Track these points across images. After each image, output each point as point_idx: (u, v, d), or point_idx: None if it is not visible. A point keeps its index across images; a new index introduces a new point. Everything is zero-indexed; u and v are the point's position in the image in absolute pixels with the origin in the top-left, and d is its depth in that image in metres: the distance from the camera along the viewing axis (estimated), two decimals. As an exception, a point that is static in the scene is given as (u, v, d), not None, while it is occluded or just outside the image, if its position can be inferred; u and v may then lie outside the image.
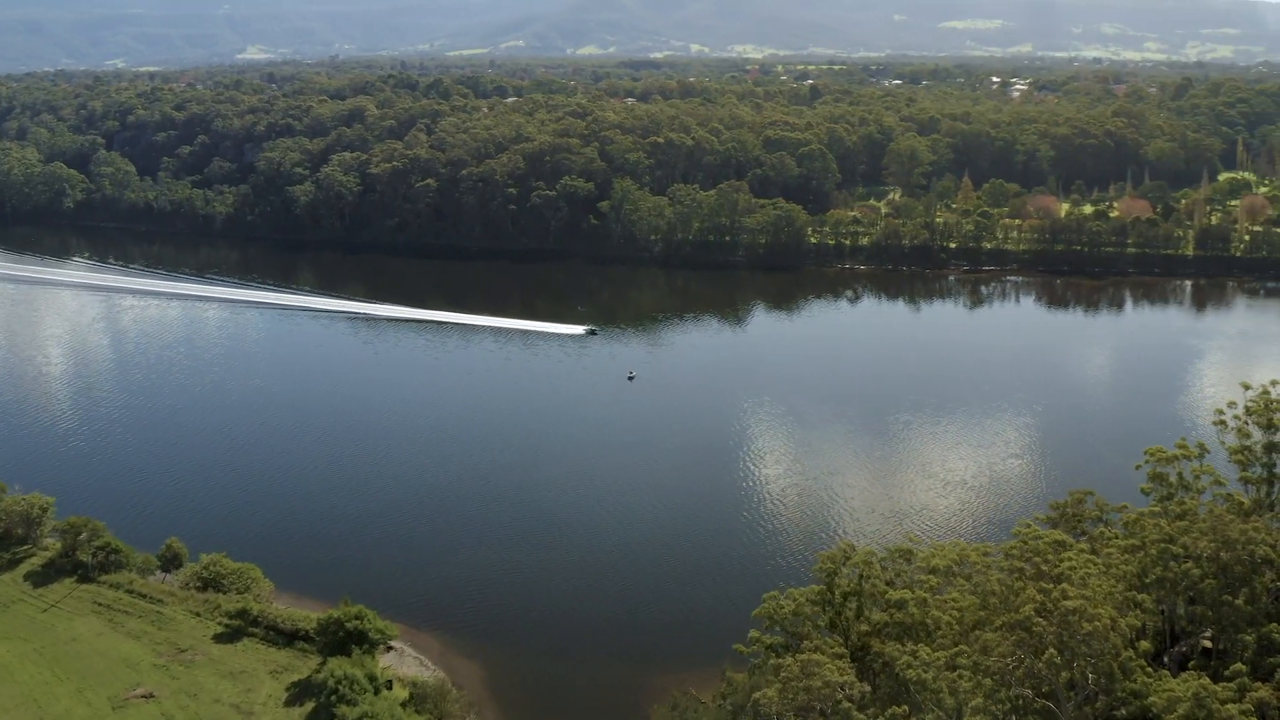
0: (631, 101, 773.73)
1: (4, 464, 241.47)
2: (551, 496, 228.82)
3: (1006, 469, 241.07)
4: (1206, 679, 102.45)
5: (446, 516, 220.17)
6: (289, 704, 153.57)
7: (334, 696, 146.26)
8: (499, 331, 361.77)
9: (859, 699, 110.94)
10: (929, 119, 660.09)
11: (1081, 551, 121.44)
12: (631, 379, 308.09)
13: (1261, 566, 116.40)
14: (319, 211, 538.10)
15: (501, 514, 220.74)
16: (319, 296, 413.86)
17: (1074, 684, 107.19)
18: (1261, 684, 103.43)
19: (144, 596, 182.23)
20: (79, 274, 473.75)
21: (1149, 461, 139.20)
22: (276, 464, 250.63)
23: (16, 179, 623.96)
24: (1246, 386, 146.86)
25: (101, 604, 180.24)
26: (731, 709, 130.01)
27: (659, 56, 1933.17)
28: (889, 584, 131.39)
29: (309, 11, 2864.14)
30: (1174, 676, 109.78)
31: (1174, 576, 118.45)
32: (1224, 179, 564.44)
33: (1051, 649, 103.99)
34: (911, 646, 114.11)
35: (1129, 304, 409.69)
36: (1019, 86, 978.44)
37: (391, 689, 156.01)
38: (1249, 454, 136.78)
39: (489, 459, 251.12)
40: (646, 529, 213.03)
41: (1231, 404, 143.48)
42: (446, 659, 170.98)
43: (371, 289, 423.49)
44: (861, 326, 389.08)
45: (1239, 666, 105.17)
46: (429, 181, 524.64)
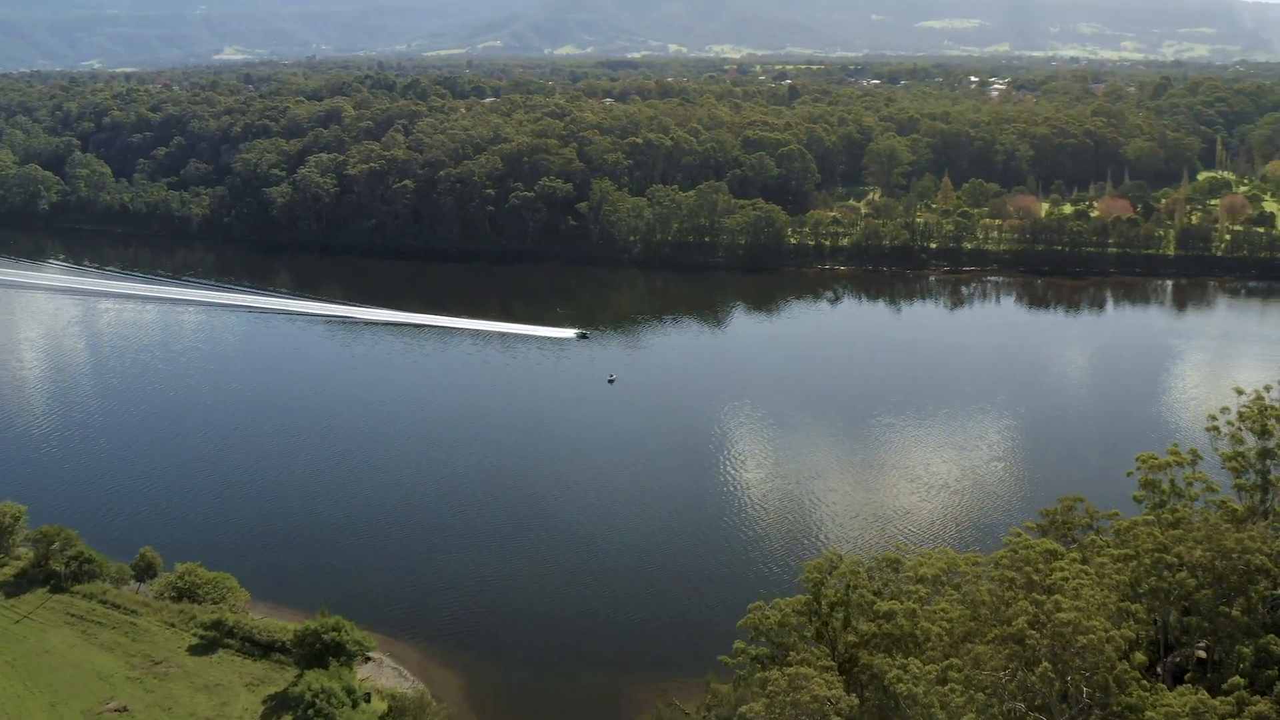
0: (610, 102, 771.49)
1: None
2: (532, 502, 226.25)
3: (990, 472, 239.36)
4: (1204, 693, 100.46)
5: (425, 523, 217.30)
6: (265, 718, 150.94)
7: (311, 710, 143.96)
8: (485, 335, 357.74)
9: (848, 713, 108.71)
10: (908, 119, 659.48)
11: (1073, 561, 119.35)
12: (612, 382, 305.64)
13: (1256, 575, 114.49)
14: (296, 213, 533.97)
15: (481, 520, 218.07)
16: (296, 299, 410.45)
17: (1068, 697, 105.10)
18: (1260, 697, 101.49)
19: (118, 607, 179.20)
20: (54, 277, 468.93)
21: (1141, 468, 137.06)
22: (252, 470, 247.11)
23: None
24: (1239, 391, 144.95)
25: (75, 615, 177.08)
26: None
27: (637, 56, 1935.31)
28: (876, 594, 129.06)
29: (286, 12, 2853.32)
30: (1169, 688, 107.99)
31: (1168, 586, 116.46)
32: (1203, 178, 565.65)
33: (1045, 662, 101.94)
34: (901, 659, 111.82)
35: (1110, 304, 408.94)
36: (997, 86, 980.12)
37: (370, 701, 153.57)
38: (1242, 460, 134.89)
39: (468, 464, 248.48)
40: (628, 535, 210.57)
41: (1225, 409, 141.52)
42: (426, 669, 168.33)
43: (349, 291, 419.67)
44: (842, 328, 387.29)
45: (1237, 680, 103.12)
46: (406, 183, 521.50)
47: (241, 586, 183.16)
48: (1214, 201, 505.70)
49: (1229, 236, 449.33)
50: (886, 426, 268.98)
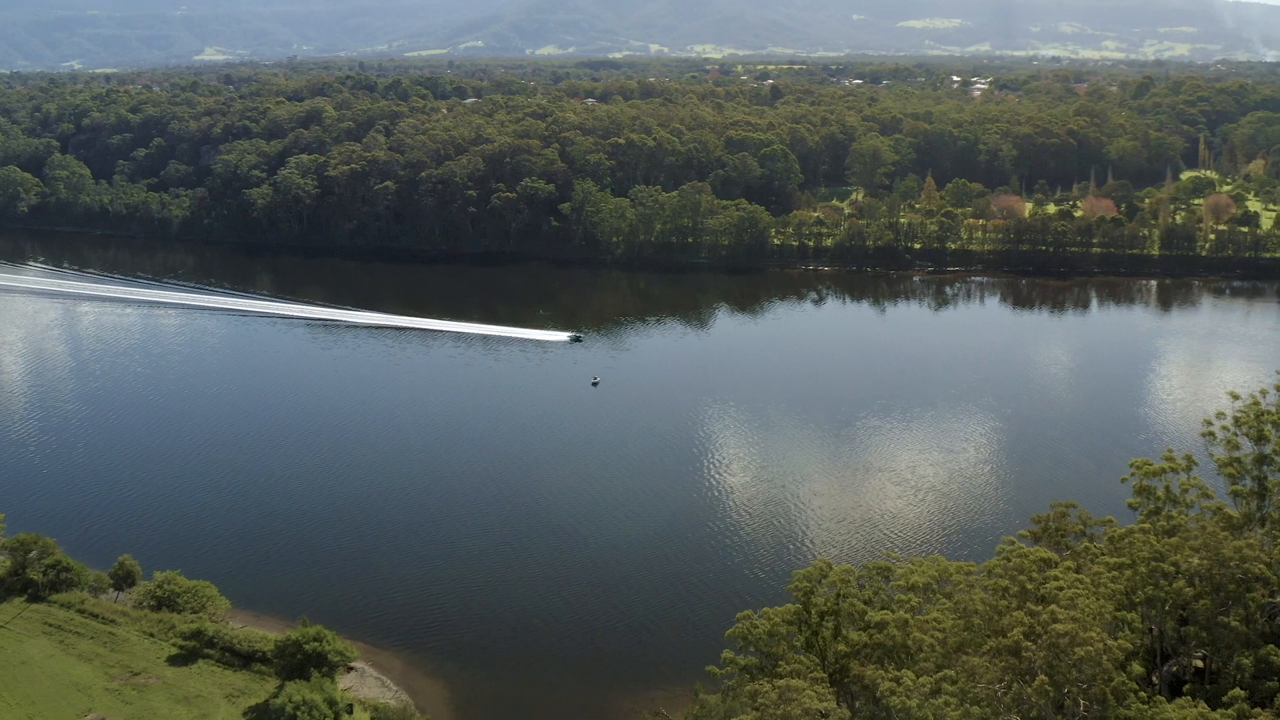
0: (592, 102, 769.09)
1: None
2: (516, 509, 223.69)
3: (978, 475, 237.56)
4: (1204, 705, 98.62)
5: (409, 530, 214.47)
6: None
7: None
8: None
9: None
10: (891, 119, 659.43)
11: (1068, 569, 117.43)
12: (596, 385, 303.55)
13: (1254, 583, 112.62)
14: (277, 214, 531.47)
15: (465, 527, 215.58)
16: (277, 301, 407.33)
17: (1065, 710, 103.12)
18: (1261, 710, 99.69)
19: (96, 617, 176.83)
20: (33, 279, 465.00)
21: (1135, 474, 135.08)
22: (233, 476, 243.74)
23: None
24: (1235, 396, 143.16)
25: (52, 624, 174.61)
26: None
27: (618, 56, 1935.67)
28: (867, 603, 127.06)
29: (267, 13, 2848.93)
30: (1166, 698, 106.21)
31: (1165, 595, 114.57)
32: (1187, 177, 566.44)
33: (1042, 675, 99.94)
34: (894, 671, 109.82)
35: (1095, 304, 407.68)
36: (980, 86, 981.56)
37: (352, 713, 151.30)
38: (1238, 466, 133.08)
39: (451, 470, 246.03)
40: (613, 541, 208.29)
41: (1220, 414, 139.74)
42: (409, 679, 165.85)
43: (331, 293, 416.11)
44: (826, 329, 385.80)
45: (1237, 692, 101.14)
46: (388, 184, 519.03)
47: (221, 595, 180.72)
48: (1198, 201, 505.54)
49: (1213, 236, 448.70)
50: (872, 429, 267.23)
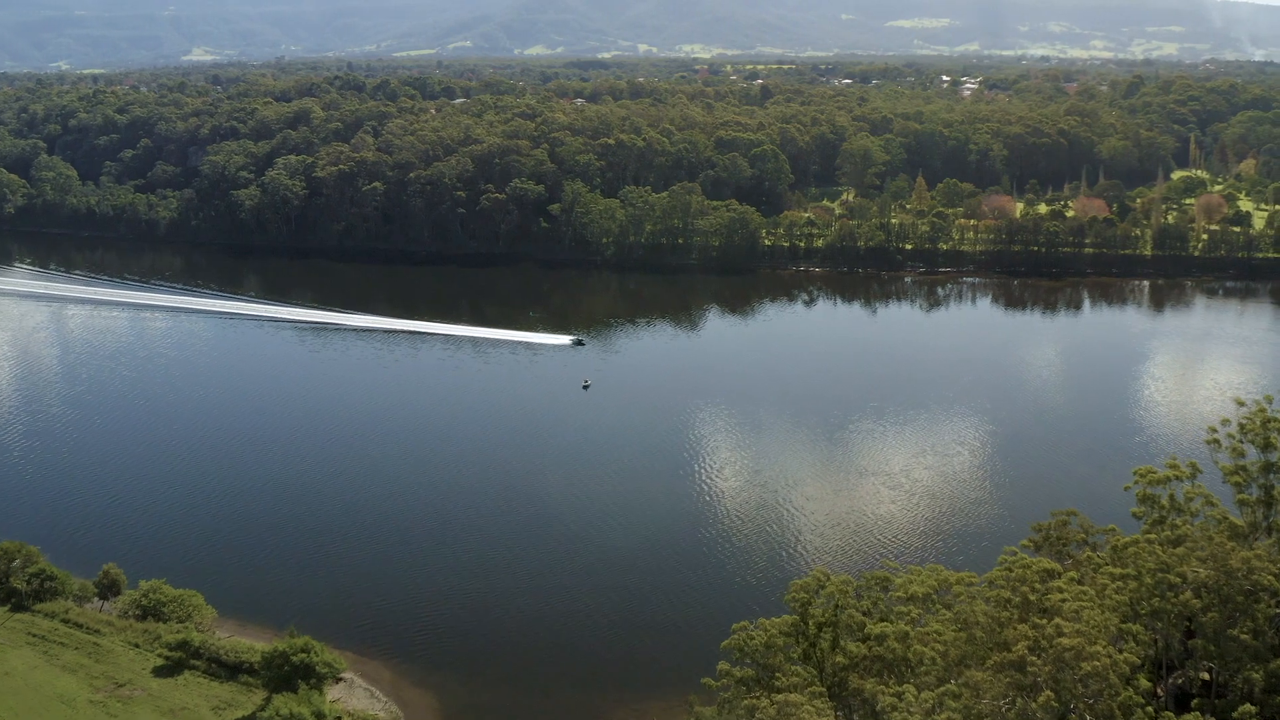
0: (581, 102, 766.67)
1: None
2: (506, 515, 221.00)
3: (972, 479, 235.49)
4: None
5: (397, 537, 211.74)
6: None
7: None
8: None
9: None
10: (881, 119, 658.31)
11: (1071, 580, 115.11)
12: (587, 388, 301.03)
13: (1262, 595, 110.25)
14: (265, 216, 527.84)
15: (455, 534, 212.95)
16: (266, 303, 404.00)
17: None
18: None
19: (80, 626, 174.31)
20: (20, 282, 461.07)
21: (1139, 482, 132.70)
22: (219, 482, 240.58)
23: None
24: (1240, 403, 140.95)
25: (36, 635, 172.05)
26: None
27: (607, 56, 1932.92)
28: (866, 614, 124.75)
29: (255, 13, 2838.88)
30: (1172, 711, 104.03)
31: (1171, 608, 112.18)
32: (1178, 177, 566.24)
33: (1048, 690, 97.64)
34: (895, 686, 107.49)
35: (1088, 305, 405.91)
36: (969, 85, 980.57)
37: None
38: (1245, 474, 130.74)
39: (440, 476, 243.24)
40: (605, 548, 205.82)
41: (1225, 421, 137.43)
42: (398, 690, 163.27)
43: (319, 295, 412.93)
44: (818, 330, 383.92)
45: (1248, 708, 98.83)
46: (376, 185, 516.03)
47: (208, 603, 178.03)
48: (1189, 200, 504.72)
49: (1206, 236, 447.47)
50: (865, 432, 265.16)
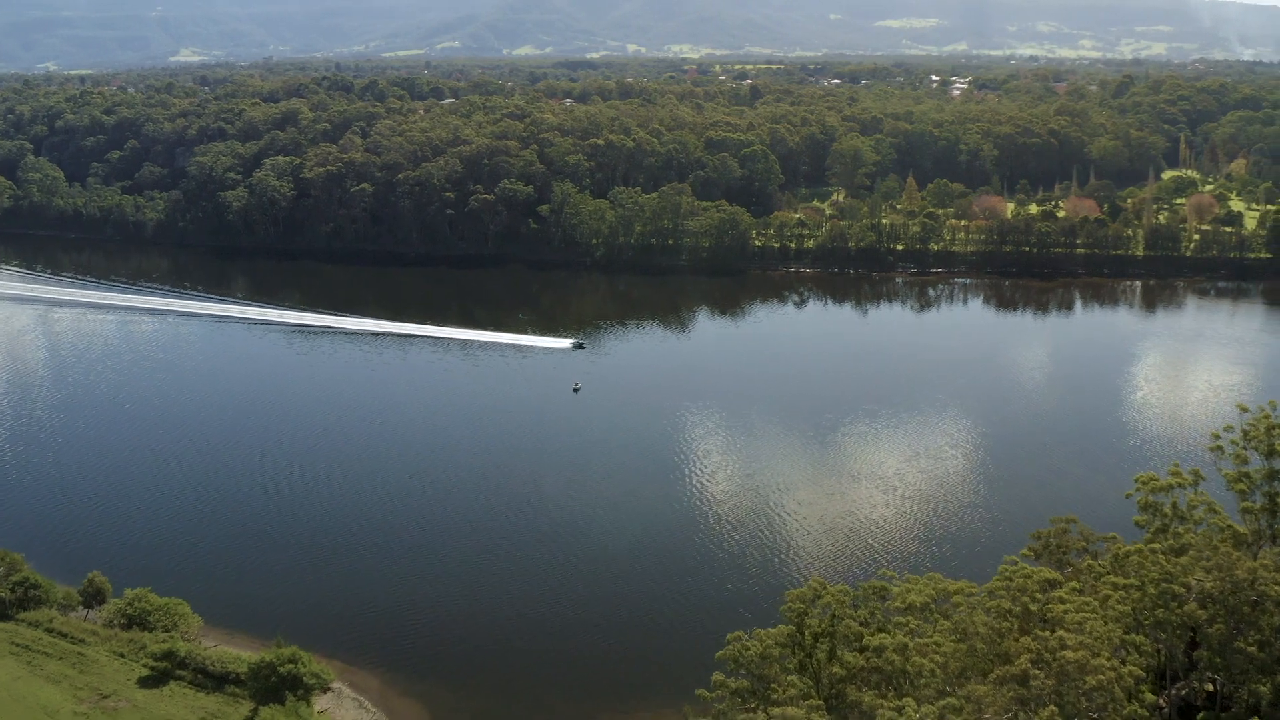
0: (570, 103, 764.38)
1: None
2: (496, 522, 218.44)
3: (966, 482, 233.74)
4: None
5: (386, 544, 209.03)
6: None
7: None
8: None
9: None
10: (871, 119, 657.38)
11: (1073, 590, 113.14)
12: (577, 391, 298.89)
13: (1268, 605, 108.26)
14: (252, 217, 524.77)
15: (444, 541, 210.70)
16: (253, 305, 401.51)
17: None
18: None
19: (65, 636, 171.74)
20: (5, 284, 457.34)
21: (1140, 489, 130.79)
22: (206, 489, 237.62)
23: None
24: (1243, 409, 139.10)
25: (19, 644, 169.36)
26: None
27: (595, 56, 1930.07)
28: (863, 624, 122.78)
29: (243, 14, 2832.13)
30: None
31: (1176, 619, 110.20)
32: (1169, 177, 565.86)
33: (1051, 705, 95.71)
34: (895, 700, 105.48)
35: (1079, 306, 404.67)
36: (959, 85, 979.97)
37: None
38: (1248, 482, 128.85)
39: (429, 482, 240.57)
40: (596, 554, 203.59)
41: (1229, 428, 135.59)
42: (387, 700, 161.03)
43: (308, 296, 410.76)
44: (809, 331, 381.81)
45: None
46: (364, 186, 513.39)
47: (194, 612, 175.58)
48: (1180, 200, 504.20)
49: (1197, 237, 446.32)
50: (858, 435, 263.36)
